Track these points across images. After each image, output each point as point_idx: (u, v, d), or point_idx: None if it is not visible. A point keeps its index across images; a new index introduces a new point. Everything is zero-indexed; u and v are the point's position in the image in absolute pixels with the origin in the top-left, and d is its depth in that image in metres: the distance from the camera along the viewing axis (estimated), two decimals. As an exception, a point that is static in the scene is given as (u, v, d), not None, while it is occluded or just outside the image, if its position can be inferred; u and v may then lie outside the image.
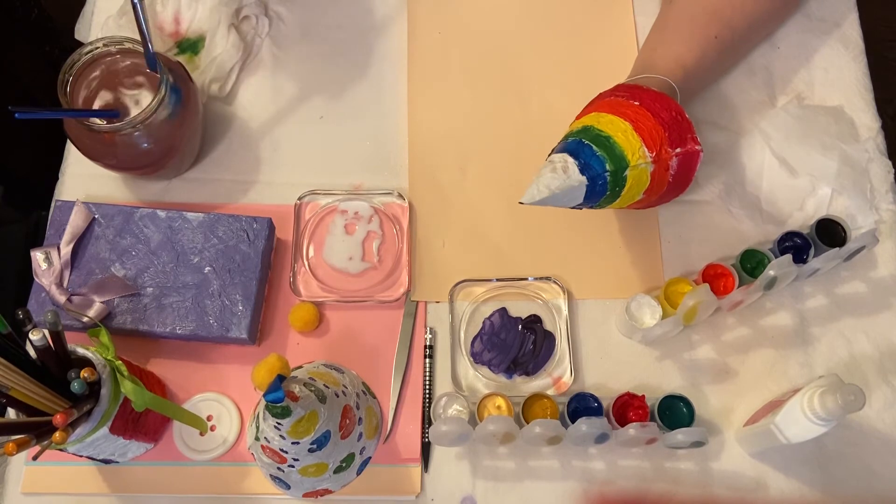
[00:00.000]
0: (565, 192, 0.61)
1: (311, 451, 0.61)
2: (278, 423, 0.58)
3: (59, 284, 0.70)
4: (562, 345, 0.74)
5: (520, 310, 0.75)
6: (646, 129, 0.63)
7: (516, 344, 0.73)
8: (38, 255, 0.71)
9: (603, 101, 0.67)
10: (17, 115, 0.65)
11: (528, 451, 0.70)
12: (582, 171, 0.61)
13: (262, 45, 0.86)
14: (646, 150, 0.63)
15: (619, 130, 0.63)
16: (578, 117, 0.68)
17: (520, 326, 0.74)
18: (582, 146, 0.62)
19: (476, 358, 0.73)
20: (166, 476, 0.70)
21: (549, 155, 0.63)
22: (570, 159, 0.61)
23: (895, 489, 0.69)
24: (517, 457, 0.70)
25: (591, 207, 0.65)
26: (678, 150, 0.64)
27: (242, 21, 0.85)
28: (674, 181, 0.66)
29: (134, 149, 0.71)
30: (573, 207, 0.64)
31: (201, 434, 0.70)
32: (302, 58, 0.86)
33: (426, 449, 0.71)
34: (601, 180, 0.61)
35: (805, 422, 0.60)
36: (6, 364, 0.55)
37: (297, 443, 0.60)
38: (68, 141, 0.77)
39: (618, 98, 0.67)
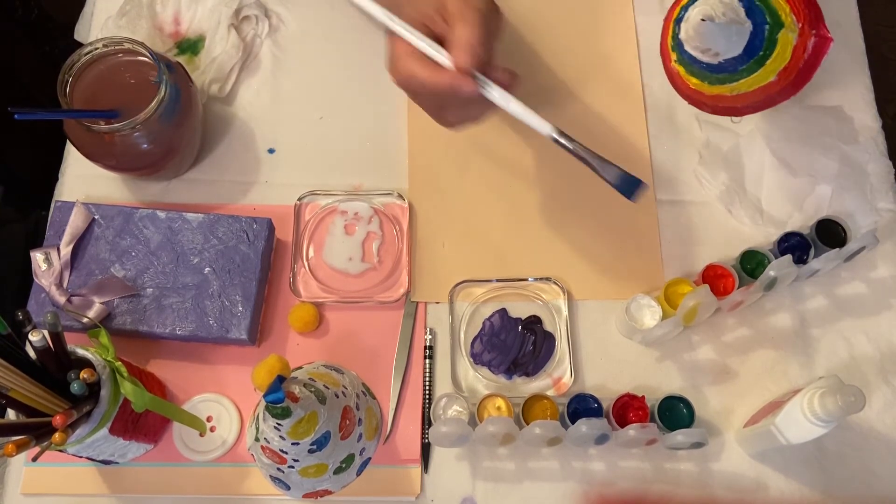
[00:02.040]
0: (729, 28, 0.58)
1: (311, 451, 0.61)
2: (278, 424, 0.58)
3: (59, 285, 0.70)
4: (562, 346, 0.73)
5: (520, 310, 0.75)
6: None
7: (516, 345, 0.73)
8: (37, 256, 0.71)
9: None
10: (16, 115, 0.65)
11: (528, 452, 0.70)
12: (747, 15, 0.58)
13: (262, 45, 0.86)
14: (794, 17, 0.61)
15: None
16: None
17: (520, 327, 0.74)
18: None
19: (476, 359, 0.73)
20: (166, 477, 0.70)
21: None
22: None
23: (895, 490, 0.69)
24: (517, 458, 0.70)
25: (730, 79, 0.62)
26: (814, 31, 0.62)
27: (242, 21, 0.85)
28: (804, 66, 0.64)
29: (134, 149, 0.71)
30: (719, 65, 0.60)
31: (201, 435, 0.70)
32: (302, 58, 0.86)
33: (426, 450, 0.70)
34: (760, 32, 0.59)
35: (805, 423, 0.60)
36: (6, 365, 0.55)
37: (297, 443, 0.60)
38: (68, 141, 0.77)
39: None
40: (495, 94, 0.59)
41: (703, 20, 0.58)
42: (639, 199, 0.59)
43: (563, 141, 0.59)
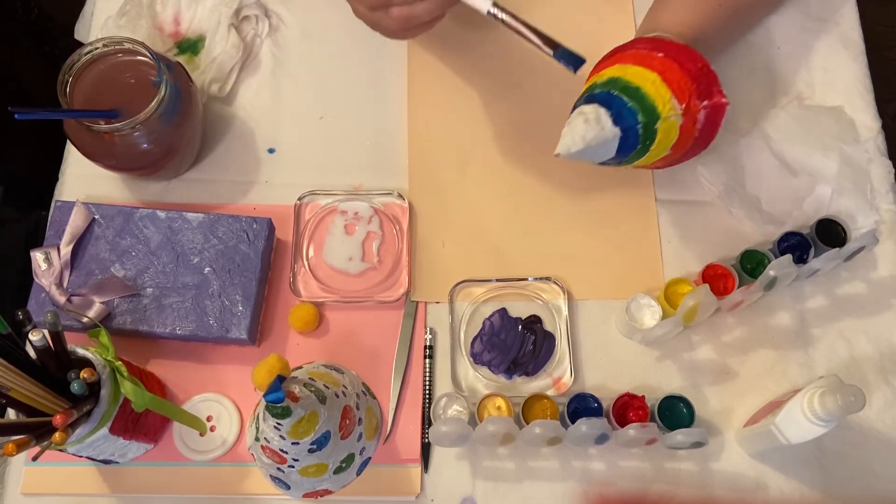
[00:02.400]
0: (599, 144, 0.59)
1: (311, 451, 0.61)
2: (278, 424, 0.58)
3: (59, 285, 0.70)
4: (562, 345, 0.73)
5: (520, 310, 0.75)
6: (674, 80, 0.61)
7: (516, 344, 0.73)
8: (37, 256, 0.71)
9: (625, 54, 0.65)
10: (17, 115, 0.65)
11: (528, 451, 0.70)
12: (615, 122, 0.59)
13: (262, 45, 0.86)
14: (675, 101, 0.61)
15: (648, 81, 0.61)
16: (596, 71, 0.66)
17: (520, 327, 0.74)
18: (612, 97, 0.60)
19: (476, 358, 0.73)
20: (166, 476, 0.70)
21: (575, 107, 0.61)
22: (602, 110, 0.59)
23: (895, 490, 0.69)
24: (517, 457, 0.70)
25: (619, 164, 0.63)
26: (705, 102, 0.62)
27: (242, 21, 0.85)
28: (700, 136, 0.64)
29: (134, 149, 0.71)
30: (602, 163, 0.62)
31: (201, 435, 0.70)
32: (302, 58, 0.86)
33: (426, 449, 0.70)
34: (633, 132, 0.60)
35: (805, 422, 0.60)
36: (6, 365, 0.55)
37: (297, 443, 0.60)
38: (68, 141, 0.77)
39: (639, 51, 0.64)
40: None
41: (556, 154, 0.59)
42: (580, 71, 0.61)
43: (501, 15, 0.61)
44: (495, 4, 0.61)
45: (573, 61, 0.60)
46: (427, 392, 0.72)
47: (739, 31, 0.82)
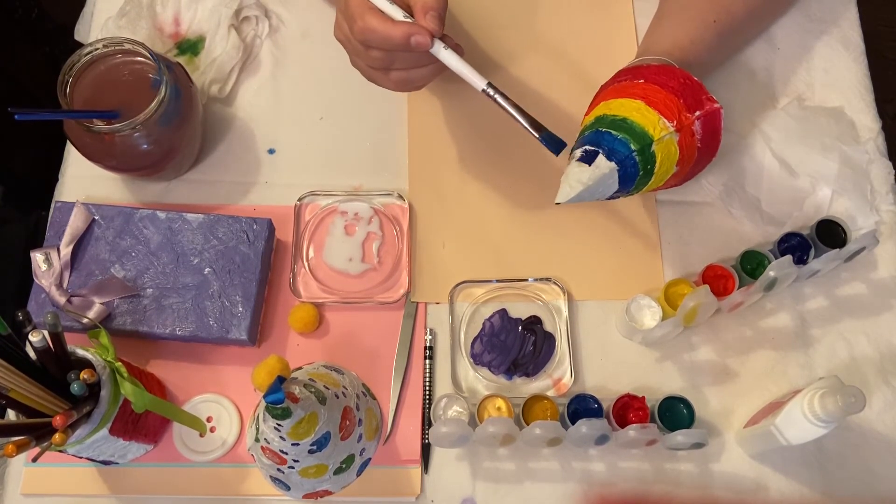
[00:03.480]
0: (598, 182, 0.59)
1: (311, 452, 0.61)
2: (278, 425, 0.58)
3: (59, 286, 0.70)
4: (562, 346, 0.73)
5: (520, 311, 0.75)
6: (659, 102, 0.62)
7: (516, 345, 0.73)
8: (37, 257, 0.71)
9: (608, 91, 0.66)
10: (17, 115, 0.65)
11: (528, 452, 0.70)
12: (609, 158, 0.60)
13: (262, 45, 0.86)
14: (665, 121, 0.61)
15: (633, 109, 0.62)
16: (587, 114, 0.68)
17: (520, 328, 0.74)
18: (600, 134, 0.61)
19: (476, 359, 0.73)
20: (166, 477, 0.70)
21: (571, 154, 0.62)
22: (593, 149, 0.60)
23: (895, 490, 0.69)
24: (517, 458, 0.70)
25: (629, 193, 0.64)
26: (697, 112, 0.63)
27: (242, 22, 0.85)
28: (703, 145, 0.64)
29: (134, 150, 0.71)
30: (610, 198, 0.63)
31: (201, 435, 0.70)
32: (302, 58, 0.86)
33: (426, 450, 0.70)
34: (630, 161, 0.60)
35: (805, 423, 0.60)
36: (6, 365, 0.55)
37: (297, 444, 0.60)
38: (68, 142, 0.77)
39: (621, 83, 0.66)
40: (444, 52, 0.62)
41: (556, 203, 0.61)
42: (562, 155, 0.63)
43: (494, 95, 0.63)
44: (490, 84, 0.63)
45: (555, 145, 0.62)
46: (427, 393, 0.72)
47: (734, 48, 0.83)
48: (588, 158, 0.60)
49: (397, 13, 0.62)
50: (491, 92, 0.63)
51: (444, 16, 0.62)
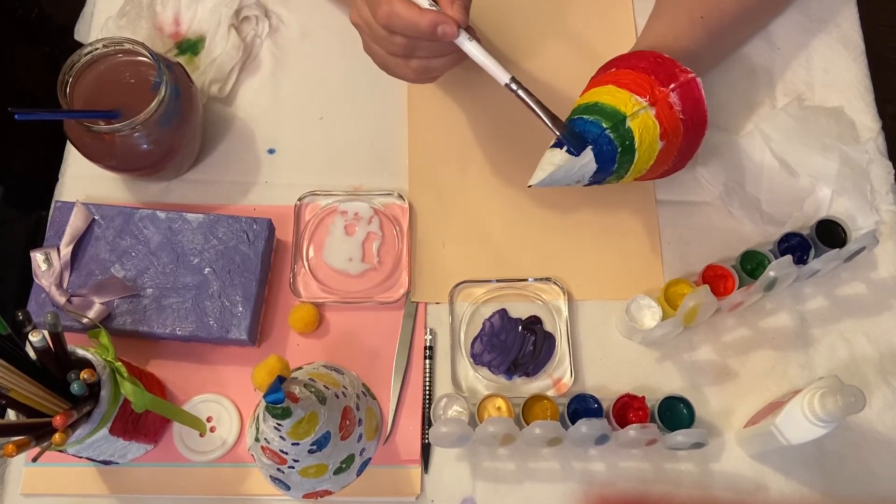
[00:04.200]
0: (572, 163, 0.59)
1: (311, 452, 0.61)
2: (278, 425, 0.58)
3: (59, 285, 0.70)
4: (562, 346, 0.73)
5: (520, 311, 0.75)
6: (629, 82, 0.62)
7: (516, 345, 0.73)
8: (37, 257, 0.71)
9: (584, 90, 0.67)
10: (17, 115, 0.65)
11: (528, 452, 0.70)
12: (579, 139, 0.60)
13: (262, 45, 0.86)
14: (636, 97, 0.61)
15: (603, 93, 0.62)
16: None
17: (520, 328, 0.74)
18: (572, 122, 0.62)
19: (476, 359, 0.73)
20: (166, 477, 0.70)
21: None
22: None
23: (895, 490, 0.69)
24: (517, 458, 0.70)
25: (619, 176, 0.63)
26: (672, 85, 0.63)
27: (242, 22, 0.85)
28: (686, 117, 0.64)
29: (134, 150, 0.71)
30: (596, 181, 0.62)
31: (201, 435, 0.70)
32: (302, 58, 0.86)
33: (426, 450, 0.70)
34: (605, 139, 0.60)
35: (805, 423, 0.60)
36: (6, 365, 0.55)
37: (297, 444, 0.60)
38: (68, 141, 0.77)
39: (596, 77, 0.67)
40: (468, 44, 0.61)
41: (529, 186, 0.60)
42: (581, 154, 0.61)
43: (518, 90, 0.62)
44: (514, 79, 0.62)
45: (578, 143, 0.61)
46: (427, 393, 0.72)
47: (727, 45, 0.82)
48: (560, 143, 0.60)
49: (423, 0, 0.61)
50: (514, 87, 0.62)
51: (469, 6, 0.61)
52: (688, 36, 0.72)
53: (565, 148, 0.60)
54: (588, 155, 0.60)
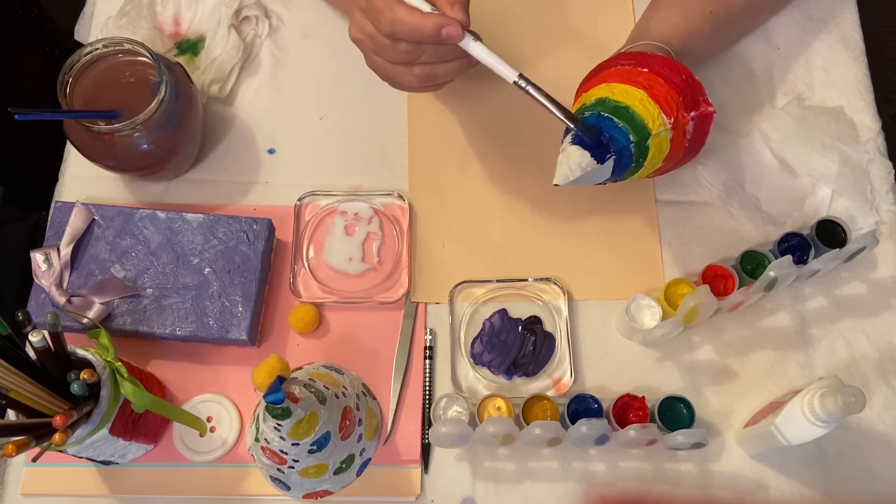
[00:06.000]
0: (596, 168, 0.60)
1: (311, 452, 0.61)
2: (278, 425, 0.58)
3: (59, 286, 0.70)
4: (562, 346, 0.73)
5: (520, 311, 0.75)
6: (661, 95, 0.62)
7: (516, 345, 0.73)
8: (37, 257, 0.71)
9: (610, 71, 0.66)
10: (17, 115, 0.65)
11: (528, 452, 0.70)
12: (610, 145, 0.60)
13: (261, 45, 0.86)
14: (664, 116, 0.61)
15: (636, 99, 0.62)
16: (585, 89, 0.67)
17: (520, 328, 0.74)
18: (602, 119, 0.61)
19: (476, 359, 0.73)
20: (166, 477, 0.70)
21: (568, 131, 0.62)
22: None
23: (895, 490, 0.69)
24: (517, 458, 0.70)
25: (616, 181, 0.64)
26: (693, 113, 0.63)
27: (242, 22, 0.85)
28: (690, 145, 0.65)
29: (134, 150, 0.71)
30: (600, 183, 0.63)
31: (201, 435, 0.70)
32: (302, 58, 0.86)
33: (426, 450, 0.70)
34: (627, 152, 0.61)
35: (805, 423, 0.60)
36: (6, 366, 0.55)
37: (297, 444, 0.60)
38: (68, 142, 0.77)
39: (624, 67, 0.65)
40: (473, 45, 0.61)
41: (554, 184, 0.60)
42: (605, 162, 0.61)
43: (527, 87, 0.61)
44: (521, 76, 0.61)
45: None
46: (427, 393, 0.72)
47: (729, 39, 0.83)
48: (580, 140, 0.60)
49: (424, 5, 0.61)
50: (523, 84, 0.61)
51: (468, 7, 0.62)
52: (699, 31, 0.73)
53: (588, 151, 0.60)
54: (610, 165, 0.60)
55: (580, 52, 0.85)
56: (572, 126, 0.61)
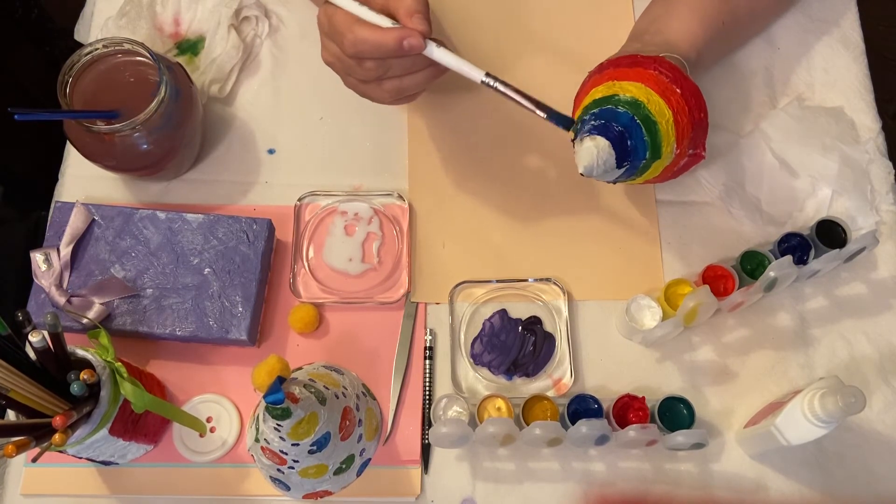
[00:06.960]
0: (610, 170, 0.61)
1: (311, 452, 0.61)
2: (278, 425, 0.58)
3: (59, 286, 0.70)
4: (562, 346, 0.73)
5: (520, 311, 0.75)
6: (681, 125, 0.63)
7: (516, 345, 0.73)
8: (37, 257, 0.71)
9: (649, 73, 0.63)
10: (17, 115, 0.65)
11: (528, 452, 0.70)
12: (632, 155, 0.61)
13: (261, 45, 0.86)
14: (675, 145, 0.63)
15: (664, 119, 0.62)
16: (612, 76, 0.65)
17: (520, 328, 0.74)
18: (634, 125, 0.61)
19: (476, 359, 0.73)
20: (166, 478, 0.70)
21: (588, 113, 0.62)
22: (621, 135, 0.61)
23: (895, 490, 0.69)
24: (517, 458, 0.70)
25: (614, 182, 0.65)
26: (691, 151, 0.65)
27: (242, 22, 0.85)
28: (672, 175, 0.67)
29: (133, 150, 0.71)
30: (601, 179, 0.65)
31: (201, 436, 0.70)
32: (302, 58, 0.86)
33: (426, 450, 0.70)
34: (636, 166, 0.62)
35: (805, 423, 0.60)
36: (6, 366, 0.55)
37: (297, 444, 0.60)
38: (68, 142, 0.77)
39: (662, 75, 0.63)
40: (437, 51, 0.62)
41: (581, 174, 0.61)
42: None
43: (495, 84, 0.63)
44: (488, 74, 0.63)
45: (564, 122, 0.63)
46: (427, 393, 0.72)
47: (729, 49, 0.83)
48: (616, 142, 0.61)
49: (384, 21, 0.61)
50: (490, 81, 0.63)
51: (428, 16, 0.62)
52: (713, 41, 0.73)
53: (615, 151, 0.60)
54: (618, 172, 0.62)
55: (580, 53, 0.85)
56: (543, 115, 0.62)
